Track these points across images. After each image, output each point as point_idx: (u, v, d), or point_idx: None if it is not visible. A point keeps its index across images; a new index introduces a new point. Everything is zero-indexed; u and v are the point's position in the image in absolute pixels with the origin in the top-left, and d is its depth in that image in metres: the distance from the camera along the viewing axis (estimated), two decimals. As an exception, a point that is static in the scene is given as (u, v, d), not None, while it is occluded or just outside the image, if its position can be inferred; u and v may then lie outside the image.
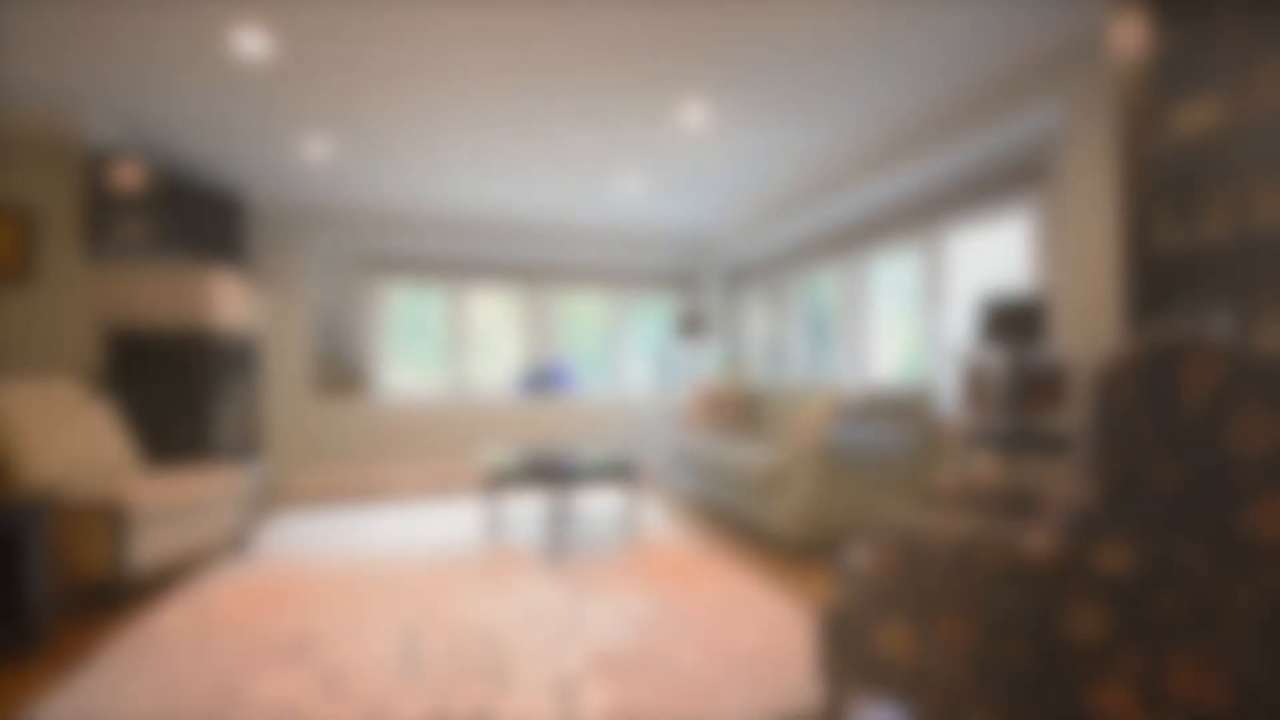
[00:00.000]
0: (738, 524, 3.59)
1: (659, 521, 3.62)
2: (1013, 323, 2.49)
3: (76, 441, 2.57)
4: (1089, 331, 2.48)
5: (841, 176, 3.83)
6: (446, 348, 5.39)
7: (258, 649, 1.96)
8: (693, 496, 4.38)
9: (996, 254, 3.31)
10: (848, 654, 1.43)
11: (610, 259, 5.74)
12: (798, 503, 2.78)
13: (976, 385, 2.92)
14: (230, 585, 2.56)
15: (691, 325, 5.24)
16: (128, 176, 3.41)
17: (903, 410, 3.14)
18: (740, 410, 4.17)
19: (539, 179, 4.31)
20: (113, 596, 2.31)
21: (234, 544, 2.98)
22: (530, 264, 5.59)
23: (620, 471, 3.05)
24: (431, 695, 1.67)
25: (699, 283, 6.05)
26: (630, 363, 5.97)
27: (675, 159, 3.90)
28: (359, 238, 4.90)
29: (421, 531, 3.40)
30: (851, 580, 1.54)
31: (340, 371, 4.90)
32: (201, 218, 3.84)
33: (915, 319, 3.85)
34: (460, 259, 5.37)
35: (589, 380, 5.82)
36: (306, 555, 2.97)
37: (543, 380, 5.48)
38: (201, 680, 1.77)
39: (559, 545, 2.90)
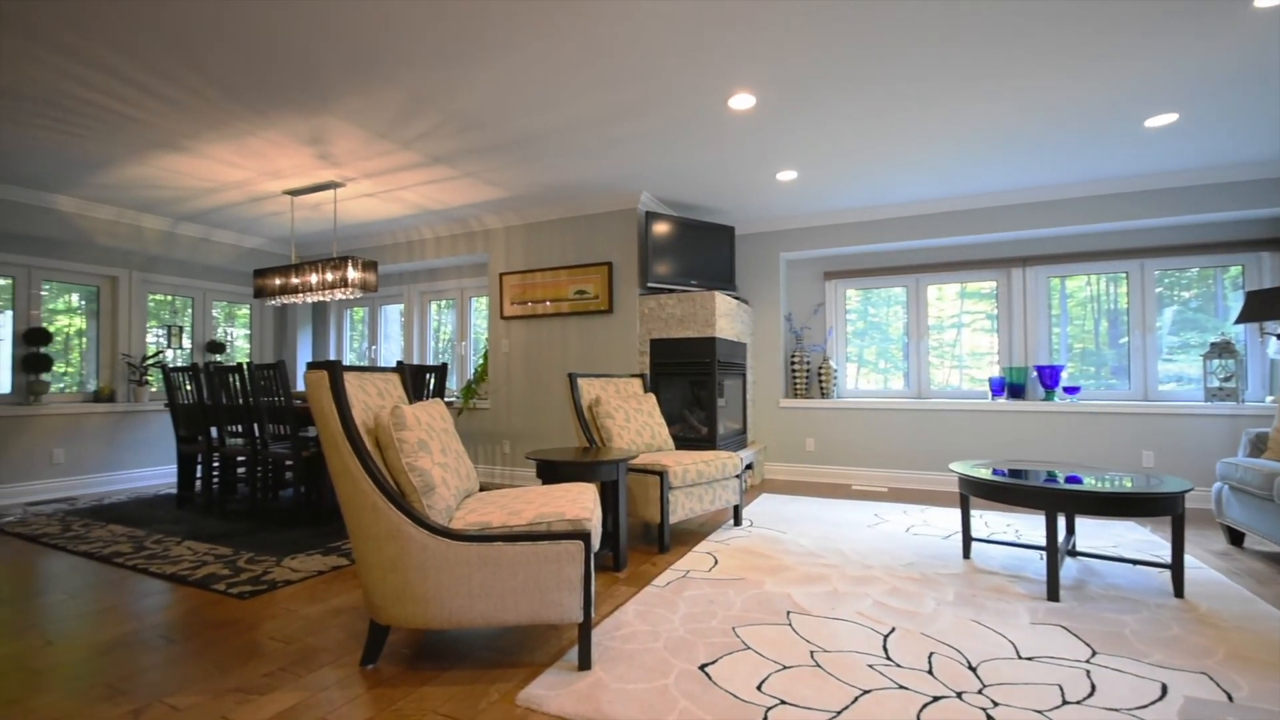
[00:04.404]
0: (1405, 617, 2.24)
1: (1217, 577, 2.60)
2: None
3: (638, 422, 3.61)
4: None
5: None
6: (906, 350, 5.21)
7: (753, 605, 2.35)
8: (1294, 558, 2.99)
9: None
10: None
11: (1127, 225, 4.46)
12: None
13: None
14: (731, 549, 3.13)
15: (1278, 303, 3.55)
16: (661, 229, 4.60)
17: None
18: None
19: (1025, 151, 3.73)
20: (658, 540, 3.15)
21: (731, 516, 3.64)
22: (1008, 248, 4.86)
23: (1151, 503, 2.33)
24: (907, 702, 1.66)
25: (1298, 241, 4.07)
26: (1163, 360, 4.48)
27: (1246, 70, 2.75)
28: (819, 248, 5.25)
29: (888, 534, 3.40)
30: None
31: (805, 375, 5.35)
32: (706, 250, 4.84)
33: None
34: (920, 254, 5.11)
35: (1092, 384, 4.66)
36: (786, 535, 3.37)
37: (1026, 383, 4.68)
38: (716, 616, 2.23)
39: (1059, 583, 2.42)
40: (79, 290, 5.09)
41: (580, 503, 2.07)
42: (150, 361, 5.36)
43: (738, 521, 3.60)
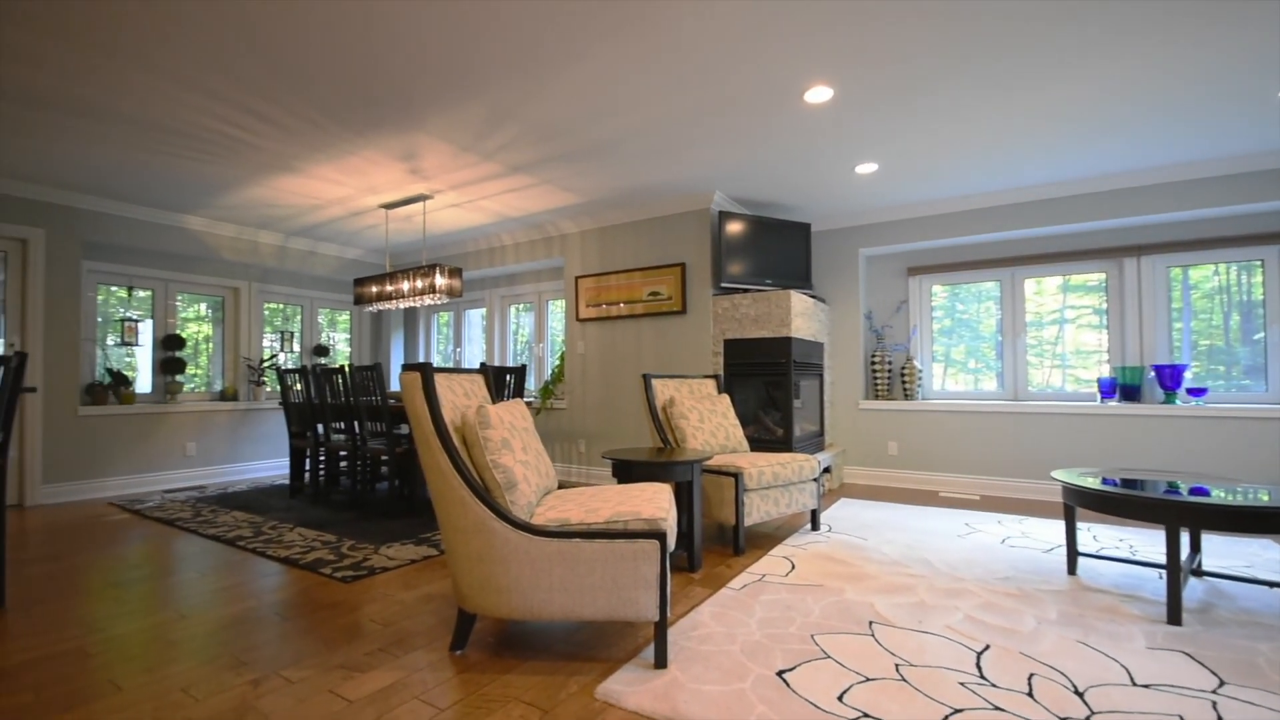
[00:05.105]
0: None
1: (1394, 614, 2.26)
2: None
3: (712, 423, 3.60)
4: None
5: None
6: (1000, 348, 4.88)
7: (833, 613, 2.28)
8: None
9: None
10: None
11: (1261, 207, 3.97)
12: None
13: None
14: (808, 554, 3.06)
15: None
16: (734, 229, 4.56)
17: None
18: None
19: (1138, 129, 3.41)
20: (733, 542, 3.12)
21: (809, 521, 3.55)
22: (1119, 235, 4.45)
23: (1299, 521, 2.06)
24: (1006, 721, 1.56)
25: None
26: (1312, 360, 3.95)
27: None
28: (901, 243, 5.02)
29: (981, 544, 3.20)
30: None
31: (887, 375, 5.12)
32: (780, 249, 4.75)
33: None
34: (1016, 245, 4.78)
35: (1220, 385, 4.17)
36: (867, 542, 3.25)
37: (1142, 384, 4.26)
38: (793, 622, 2.19)
39: (1180, 605, 2.19)
40: (206, 300, 5.68)
41: (656, 502, 2.09)
42: (266, 364, 5.90)
43: (815, 526, 3.51)
